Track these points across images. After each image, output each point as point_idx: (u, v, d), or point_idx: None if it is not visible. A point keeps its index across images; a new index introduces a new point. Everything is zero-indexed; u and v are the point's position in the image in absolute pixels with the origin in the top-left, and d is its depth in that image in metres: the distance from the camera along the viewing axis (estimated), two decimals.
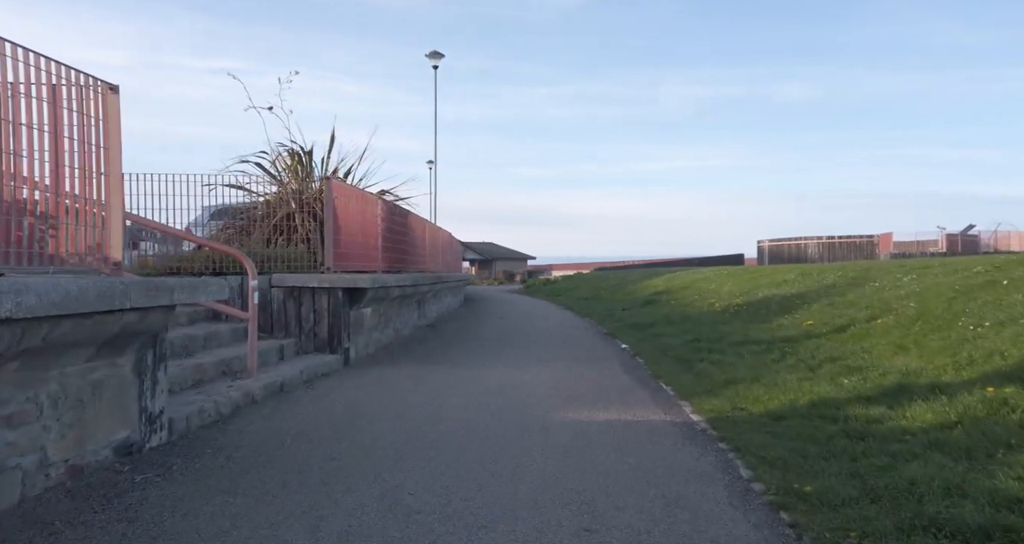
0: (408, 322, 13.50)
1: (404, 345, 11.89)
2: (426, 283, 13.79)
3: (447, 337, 13.62)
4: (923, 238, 38.92)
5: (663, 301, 20.26)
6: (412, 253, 14.68)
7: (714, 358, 9.50)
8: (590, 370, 9.47)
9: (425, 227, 16.46)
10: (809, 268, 18.38)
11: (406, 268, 13.87)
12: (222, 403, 5.77)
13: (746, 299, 15.87)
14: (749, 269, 22.68)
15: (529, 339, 13.46)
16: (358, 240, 10.45)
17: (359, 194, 10.67)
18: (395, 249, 12.84)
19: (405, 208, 14.00)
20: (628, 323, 15.98)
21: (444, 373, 8.98)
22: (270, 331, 8.92)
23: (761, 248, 44.26)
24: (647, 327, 14.52)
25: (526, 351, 11.51)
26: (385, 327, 11.55)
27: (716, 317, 14.38)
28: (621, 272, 40.86)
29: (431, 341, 12.77)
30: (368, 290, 9.33)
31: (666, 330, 13.45)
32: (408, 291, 12.28)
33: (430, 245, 17.16)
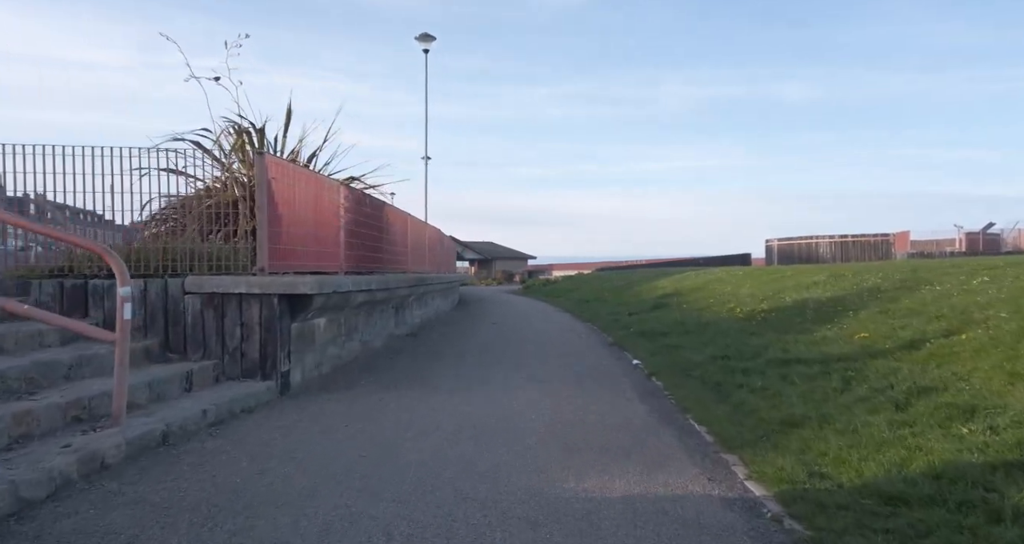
0: (381, 332, 11.41)
1: (371, 361, 9.79)
2: (404, 286, 11.70)
3: (427, 349, 11.52)
4: (941, 237, 36.77)
5: (674, 305, 18.14)
6: (390, 251, 12.59)
7: (753, 383, 7.40)
8: (596, 396, 7.38)
9: (407, 222, 14.38)
10: (839, 268, 16.26)
11: (381, 268, 11.78)
12: (26, 482, 3.65)
13: (773, 304, 13.76)
14: (766, 269, 20.60)
15: (523, 351, 11.36)
16: (308, 234, 8.36)
17: (311, 178, 8.58)
18: (365, 246, 10.75)
19: (379, 199, 11.91)
20: (637, 331, 13.88)
21: (410, 402, 6.90)
22: (183, 351, 6.82)
23: (770, 247, 42.16)
24: (660, 336, 12.41)
25: (518, 368, 9.41)
26: (348, 340, 9.46)
27: (741, 325, 12.27)
28: (624, 272, 38.75)
29: (407, 355, 10.67)
30: (314, 296, 7.24)
31: (683, 341, 11.35)
32: (379, 296, 10.19)
33: (413, 242, 15.07)
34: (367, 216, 10.99)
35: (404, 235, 14.21)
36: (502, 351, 11.45)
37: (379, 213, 11.79)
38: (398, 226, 13.59)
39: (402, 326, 13.14)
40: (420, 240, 16.00)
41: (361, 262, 10.60)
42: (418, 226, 15.88)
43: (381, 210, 11.93)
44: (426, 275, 14.79)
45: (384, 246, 12.11)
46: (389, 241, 12.66)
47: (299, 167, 8.37)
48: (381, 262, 11.80)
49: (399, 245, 13.68)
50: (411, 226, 14.93)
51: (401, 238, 13.94)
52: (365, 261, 10.80)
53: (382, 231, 11.99)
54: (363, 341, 10.28)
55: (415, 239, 15.38)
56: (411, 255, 14.73)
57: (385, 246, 12.23)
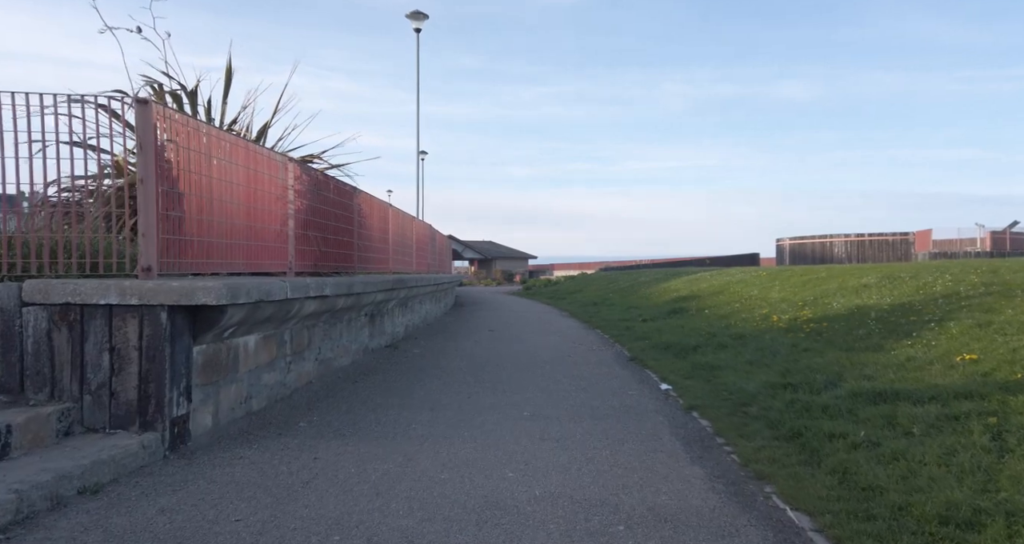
0: (349, 346, 9.16)
1: (330, 387, 7.54)
2: (379, 289, 9.46)
3: (407, 367, 9.28)
4: (965, 236, 34.51)
5: (693, 310, 15.90)
6: (365, 248, 10.35)
7: (850, 432, 5.14)
8: (626, 449, 5.14)
9: (388, 215, 12.14)
10: (892, 269, 14.01)
11: (351, 268, 9.54)
12: None
13: (818, 311, 11.52)
14: (793, 270, 18.36)
15: (521, 372, 9.11)
16: (237, 223, 6.12)
17: (239, 146, 6.32)
18: (328, 241, 8.51)
19: (349, 184, 9.67)
20: (657, 342, 11.63)
21: (357, 466, 4.65)
22: (17, 389, 4.57)
23: (781, 247, 39.92)
24: (689, 351, 10.16)
25: (513, 400, 7.16)
26: (296, 361, 7.22)
27: (786, 338, 10.03)
28: (629, 272, 36.49)
29: (379, 376, 8.42)
30: (227, 308, 5.00)
31: (721, 358, 9.10)
32: (342, 302, 7.95)
33: (397, 239, 12.83)
34: (331, 204, 8.75)
35: (385, 230, 11.96)
36: (498, 370, 9.20)
37: (349, 201, 9.54)
38: (376, 219, 11.35)
39: (379, 337, 10.89)
40: (405, 236, 13.75)
41: (322, 260, 8.36)
42: (403, 220, 13.63)
43: (351, 198, 9.69)
44: (411, 276, 12.55)
45: (357, 242, 9.87)
46: (365, 236, 10.42)
47: (216, 129, 6.10)
48: (351, 261, 9.56)
49: (378, 241, 11.44)
50: (394, 220, 12.68)
51: (381, 233, 11.70)
52: (328, 259, 8.55)
53: (353, 224, 9.75)
54: (322, 360, 8.03)
55: (399, 235, 13.14)
56: (394, 253, 12.49)
57: (359, 242, 9.98)
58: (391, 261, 12.26)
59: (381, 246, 11.71)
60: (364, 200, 10.51)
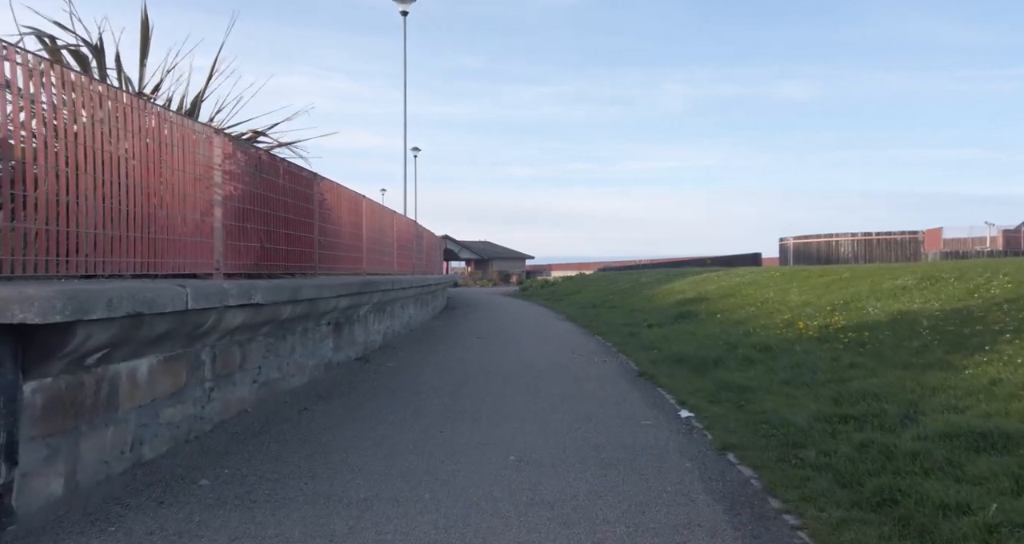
0: (304, 362, 7.55)
1: (265, 420, 5.94)
2: (341, 294, 7.87)
3: (373, 388, 7.69)
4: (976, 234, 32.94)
5: (703, 314, 14.32)
6: (329, 245, 8.77)
7: (978, 503, 3.56)
8: (646, 523, 3.56)
9: (361, 208, 10.55)
10: (929, 269, 12.42)
11: (307, 269, 7.96)
12: None
13: (852, 317, 9.94)
14: (810, 271, 16.80)
15: (510, 393, 7.51)
16: (127, 209, 4.54)
17: (130, 107, 4.73)
18: (273, 236, 6.93)
19: (307, 170, 8.07)
20: (667, 353, 10.05)
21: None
22: None
23: (785, 246, 38.32)
24: (709, 365, 8.57)
25: (497, 435, 5.57)
26: (223, 386, 5.62)
27: (822, 350, 8.45)
28: (629, 273, 34.90)
29: (330, 404, 6.82)
30: (75, 326, 3.41)
31: (751, 377, 7.51)
32: (287, 312, 6.35)
33: (373, 236, 11.24)
34: (282, 192, 7.16)
35: (357, 225, 10.37)
36: (483, 389, 7.61)
37: (307, 189, 7.95)
38: (347, 212, 9.75)
39: (348, 348, 9.29)
40: (384, 233, 12.16)
41: (267, 259, 6.77)
42: (381, 215, 12.03)
43: (311, 185, 8.09)
44: (389, 278, 10.96)
45: (318, 238, 8.29)
46: (330, 232, 8.84)
47: (90, 77, 4.50)
48: (309, 260, 7.97)
49: (348, 238, 9.86)
50: (370, 214, 11.09)
51: (352, 229, 10.11)
52: (275, 258, 6.96)
53: (314, 216, 8.16)
54: (264, 382, 6.43)
55: (376, 232, 11.55)
56: (369, 252, 10.90)
57: (321, 238, 8.40)
58: (365, 261, 10.67)
59: (353, 244, 10.12)
60: (329, 189, 8.92)
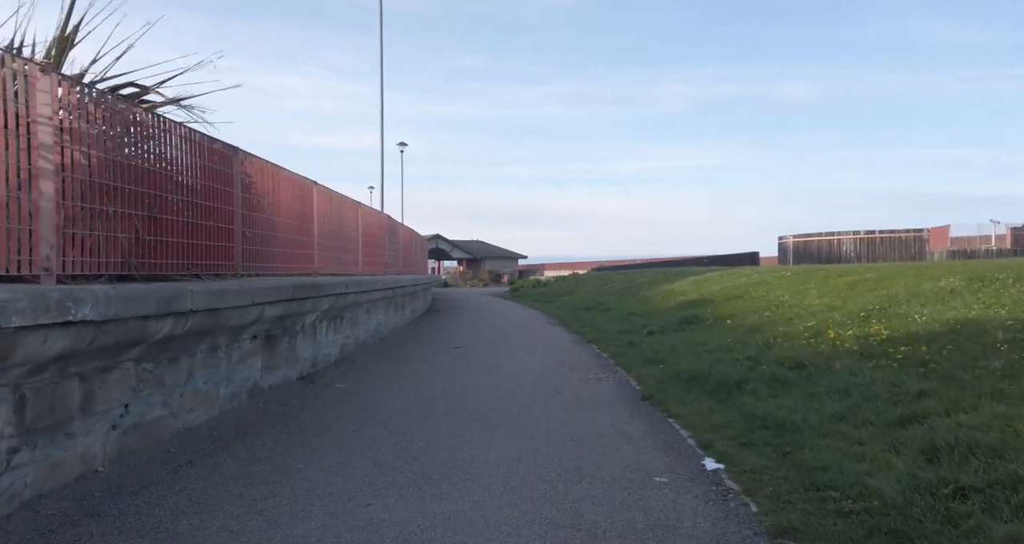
0: (211, 391, 5.72)
1: (118, 488, 4.13)
2: (265, 301, 6.07)
3: (294, 428, 5.86)
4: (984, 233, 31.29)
5: (710, 319, 12.55)
6: (261, 240, 6.96)
7: None
8: None
9: (312, 196, 8.73)
10: (975, 269, 10.66)
11: (224, 268, 6.14)
12: None
13: (897, 327, 8.16)
14: (825, 270, 15.06)
15: (480, 431, 5.71)
16: None
17: None
18: (162, 225, 5.11)
19: (221, 142, 6.23)
20: (675, 369, 8.28)
21: None
22: None
23: (784, 245, 36.61)
24: (730, 389, 6.79)
25: (450, 512, 3.78)
26: (46, 443, 3.81)
27: (870, 369, 6.67)
28: (625, 273, 33.11)
29: (229, 454, 4.99)
30: None
31: (789, 407, 5.72)
32: (166, 328, 4.54)
33: (330, 230, 9.43)
34: (175, 167, 5.35)
35: (305, 216, 8.56)
36: (447, 426, 5.81)
37: (221, 167, 6.14)
38: (287, 200, 7.94)
39: (287, 367, 7.47)
40: (345, 227, 10.33)
41: (149, 255, 4.95)
42: (340, 207, 10.21)
43: (228, 162, 6.27)
44: (344, 279, 9.13)
45: (241, 230, 6.48)
46: (261, 223, 7.03)
47: None
48: (225, 257, 6.15)
49: (291, 231, 8.05)
50: (323, 204, 9.27)
51: (298, 222, 8.30)
52: (164, 254, 5.14)
53: (234, 202, 6.35)
54: (135, 426, 4.61)
55: (335, 225, 9.73)
56: (322, 249, 9.08)
57: (246, 231, 6.60)
58: (317, 259, 8.86)
59: (300, 239, 8.31)
60: (261, 170, 7.11)
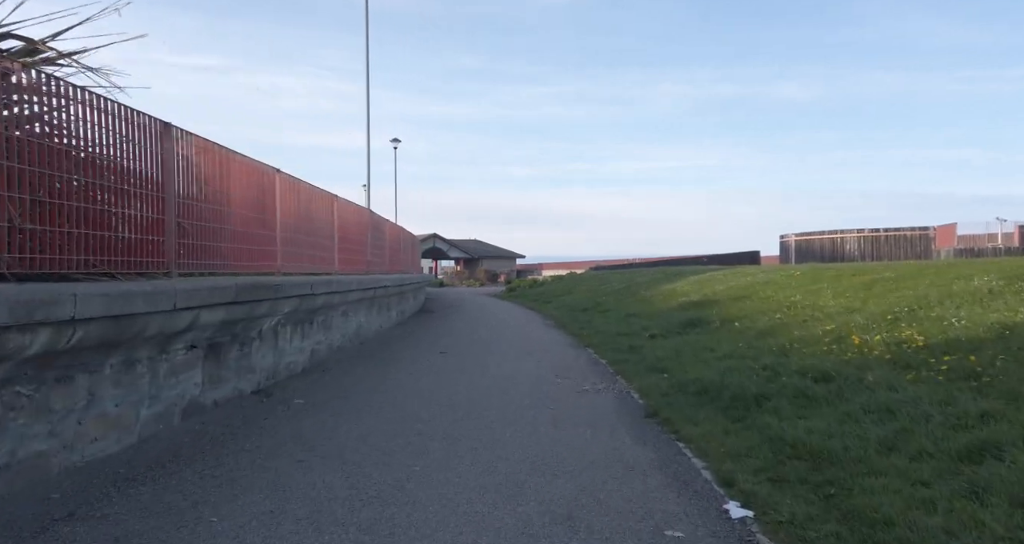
0: (127, 414, 4.70)
1: None
2: (200, 304, 5.07)
3: (229, 456, 4.85)
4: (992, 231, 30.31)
5: (716, 321, 11.55)
6: (201, 232, 5.96)
7: None
8: None
9: (273, 185, 7.72)
10: (1011, 267, 9.64)
11: (151, 265, 5.13)
12: None
13: (932, 333, 7.16)
14: (842, 269, 14.07)
15: (453, 457, 4.70)
16: None
17: None
18: (55, 212, 4.11)
19: (148, 115, 5.23)
20: (682, 378, 7.30)
21: None
22: None
23: (786, 244, 35.62)
24: (748, 405, 5.80)
25: None
26: None
27: (911, 383, 5.67)
28: (622, 272, 32.11)
29: (124, 503, 4.00)
30: None
31: (821, 430, 4.73)
32: (40, 342, 3.53)
33: (293, 224, 8.42)
34: (73, 141, 4.35)
35: (264, 208, 7.55)
36: (414, 452, 4.81)
37: (145, 143, 5.13)
38: (241, 188, 6.93)
39: (237, 379, 6.46)
40: (313, 221, 9.31)
41: (32, 249, 3.95)
42: (309, 199, 9.19)
43: (156, 139, 5.26)
44: (310, 279, 8.12)
45: (174, 221, 5.47)
46: (205, 213, 6.03)
47: None
48: (154, 253, 5.14)
49: (248, 225, 7.04)
50: (287, 195, 8.27)
51: (255, 213, 7.29)
52: (53, 247, 4.14)
53: (165, 188, 5.35)
54: (7, 464, 3.61)
55: (300, 219, 8.72)
56: (286, 245, 8.08)
57: (179, 222, 5.60)
58: (281, 256, 7.85)
59: (258, 233, 7.31)
60: (204, 152, 6.10)
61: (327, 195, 9.89)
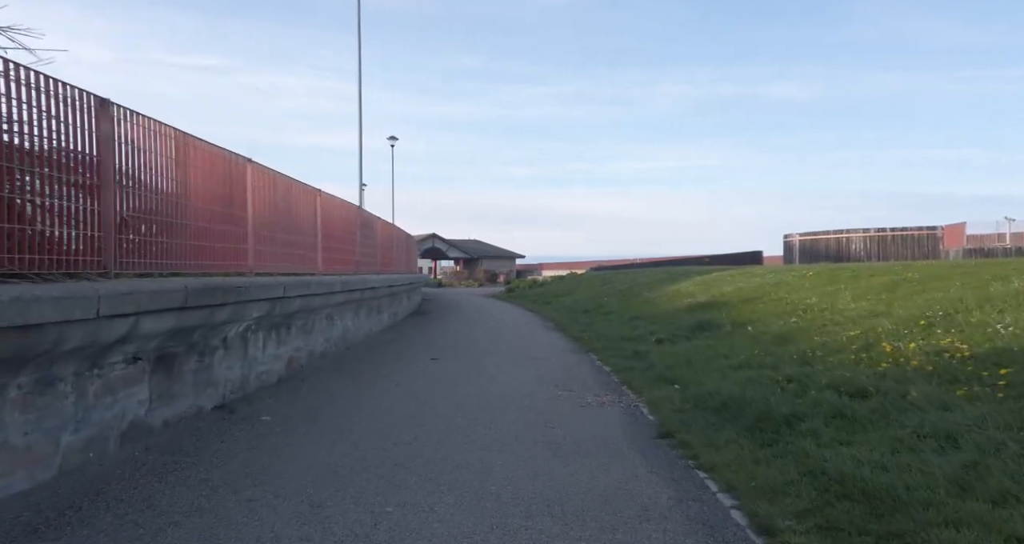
0: (36, 444, 3.92)
1: None
2: (138, 310, 4.28)
3: (163, 495, 4.06)
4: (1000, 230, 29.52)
5: (727, 324, 10.75)
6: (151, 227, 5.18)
7: None
8: None
9: (244, 176, 6.94)
10: None
11: (82, 265, 4.34)
12: None
13: (977, 341, 6.37)
14: (858, 270, 13.28)
15: (424, 498, 3.92)
16: None
17: None
18: None
19: (74, 86, 4.45)
20: (696, 392, 6.52)
21: None
22: None
23: (790, 243, 34.81)
24: (780, 427, 5.01)
25: None
26: None
27: (966, 402, 4.89)
28: (625, 272, 31.32)
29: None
30: None
31: (875, 464, 3.93)
32: None
33: (267, 220, 7.64)
34: None
35: (231, 201, 6.76)
36: (386, 492, 4.02)
37: (67, 117, 4.34)
38: (202, 179, 6.14)
39: (195, 395, 5.67)
40: (292, 216, 8.51)
41: None
42: (287, 192, 8.40)
43: (87, 116, 4.47)
44: (282, 280, 7.32)
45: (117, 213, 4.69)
46: (159, 205, 5.25)
47: None
48: (88, 252, 4.37)
49: (212, 219, 6.25)
50: (260, 188, 7.48)
51: (221, 206, 6.51)
52: None
53: (101, 172, 4.56)
54: None
55: (277, 213, 7.94)
56: (259, 242, 7.29)
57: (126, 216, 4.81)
58: (253, 254, 7.06)
59: (225, 229, 6.52)
60: (156, 136, 5.30)
61: (309, 189, 9.09)
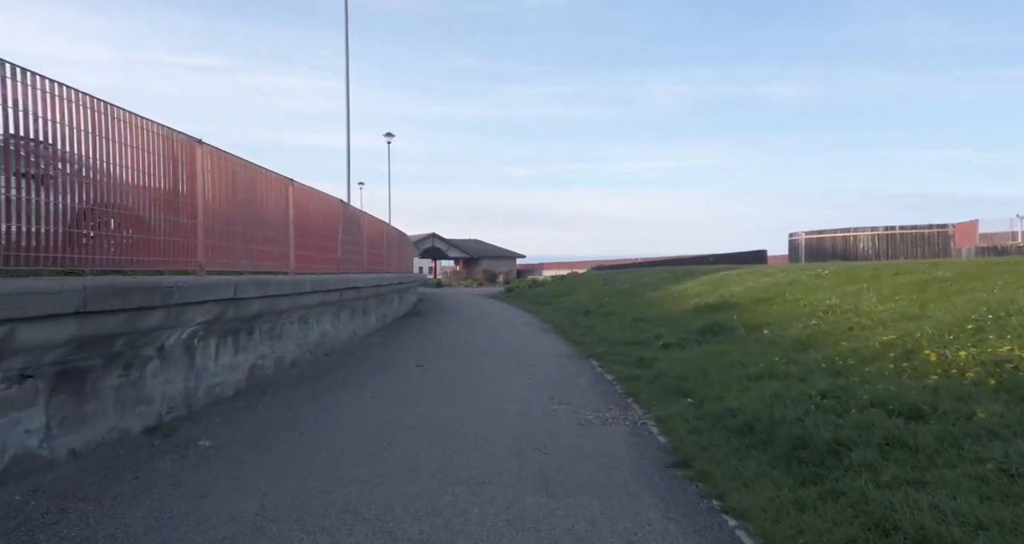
0: None
1: None
2: None
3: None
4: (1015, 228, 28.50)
5: (740, 327, 9.79)
6: (75, 218, 4.24)
7: None
8: None
9: (195, 161, 5.99)
10: None
11: None
12: None
13: None
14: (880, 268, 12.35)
15: None
16: None
17: None
18: None
19: None
20: (715, 408, 5.59)
21: None
22: None
23: (795, 242, 33.82)
24: (824, 457, 4.05)
25: None
26: None
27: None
28: (626, 272, 30.31)
29: None
30: None
31: (986, 533, 2.99)
32: None
33: (227, 212, 6.69)
34: None
35: (182, 189, 5.81)
36: None
37: None
38: (136, 160, 5.19)
39: (121, 416, 4.72)
40: (258, 208, 7.55)
41: None
42: (252, 182, 7.45)
43: None
44: (238, 279, 6.37)
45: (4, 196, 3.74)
46: (69, 189, 4.30)
47: None
48: None
49: (154, 209, 5.31)
50: (217, 173, 6.53)
51: (169, 193, 5.57)
52: None
53: None
54: None
55: (240, 204, 6.98)
56: (212, 236, 6.34)
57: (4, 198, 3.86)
58: (203, 249, 6.11)
59: (168, 219, 5.57)
60: (59, 99, 4.36)
61: (279, 179, 8.14)
